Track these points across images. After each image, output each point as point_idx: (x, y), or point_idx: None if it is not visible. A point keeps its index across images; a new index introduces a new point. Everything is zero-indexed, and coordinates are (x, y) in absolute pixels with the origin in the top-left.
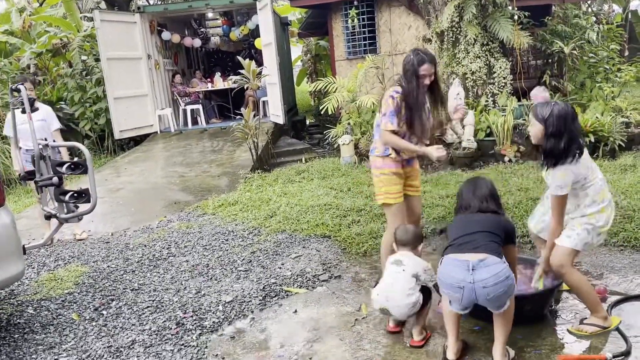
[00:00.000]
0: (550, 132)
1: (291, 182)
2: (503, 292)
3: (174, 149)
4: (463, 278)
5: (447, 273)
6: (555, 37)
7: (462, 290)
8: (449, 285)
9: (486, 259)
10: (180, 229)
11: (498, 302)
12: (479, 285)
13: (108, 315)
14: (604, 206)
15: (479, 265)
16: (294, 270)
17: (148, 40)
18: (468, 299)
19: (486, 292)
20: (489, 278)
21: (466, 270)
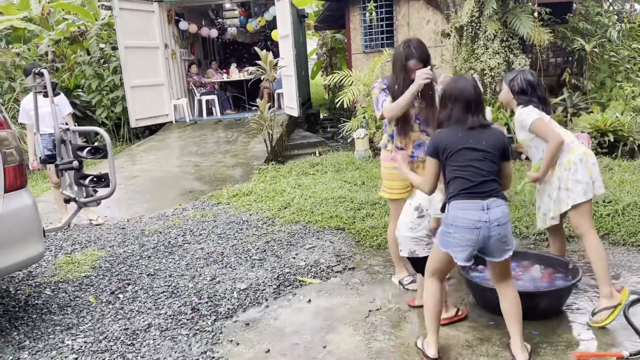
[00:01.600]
0: (515, 91)
1: (305, 174)
2: (510, 231)
3: (189, 139)
4: (479, 218)
5: (460, 216)
6: (576, 35)
7: (479, 231)
8: (463, 228)
9: (497, 198)
10: (195, 217)
11: (506, 245)
12: (494, 224)
13: (124, 299)
14: (573, 146)
15: (492, 204)
16: (307, 261)
17: (165, 29)
18: (482, 240)
19: (499, 231)
20: (501, 217)
21: (481, 210)
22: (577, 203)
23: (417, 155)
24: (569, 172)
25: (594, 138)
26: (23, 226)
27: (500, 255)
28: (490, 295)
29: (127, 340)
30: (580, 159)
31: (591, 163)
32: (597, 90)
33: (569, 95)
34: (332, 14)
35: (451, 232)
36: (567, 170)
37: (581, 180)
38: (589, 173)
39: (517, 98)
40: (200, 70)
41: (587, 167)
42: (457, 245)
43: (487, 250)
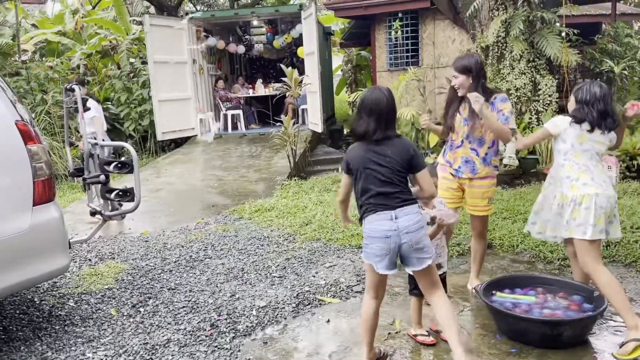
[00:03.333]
0: (578, 100)
1: (327, 190)
2: (424, 239)
3: (214, 153)
4: (389, 227)
5: (373, 228)
6: (605, 56)
7: (389, 240)
8: (376, 239)
9: (405, 207)
10: (217, 232)
11: (422, 253)
12: (404, 231)
13: (145, 313)
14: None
15: (400, 213)
16: (327, 280)
17: (194, 45)
18: (395, 248)
19: (409, 238)
20: (410, 225)
21: (390, 220)
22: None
23: (462, 171)
24: (566, 206)
25: (622, 162)
26: (50, 239)
27: (418, 264)
28: (512, 321)
29: (147, 355)
30: (572, 200)
31: (583, 207)
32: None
33: None
34: (358, 32)
35: (368, 243)
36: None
37: (579, 222)
38: (586, 216)
39: (576, 109)
40: (226, 85)
41: (580, 210)
42: (375, 256)
43: (405, 260)
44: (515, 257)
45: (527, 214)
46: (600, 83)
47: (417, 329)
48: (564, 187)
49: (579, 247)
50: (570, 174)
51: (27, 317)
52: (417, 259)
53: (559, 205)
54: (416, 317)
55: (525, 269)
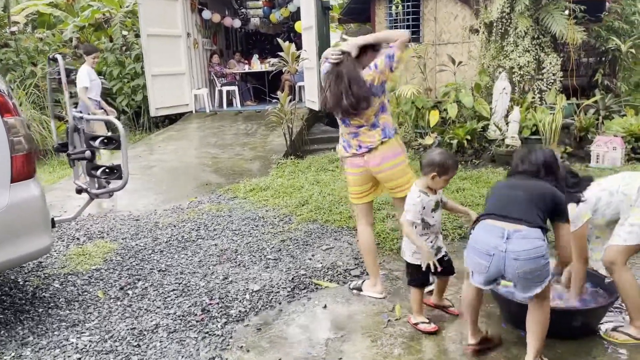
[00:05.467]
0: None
1: (324, 170)
2: (534, 268)
3: (208, 130)
4: (495, 245)
5: (479, 238)
6: (611, 34)
7: (492, 258)
8: (478, 252)
9: (524, 230)
10: (210, 212)
11: (526, 283)
12: (511, 256)
13: (133, 296)
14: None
15: (514, 234)
16: (324, 263)
17: (188, 18)
18: (496, 268)
19: (516, 265)
20: (522, 251)
21: (500, 238)
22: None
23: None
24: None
25: (627, 142)
26: (30, 218)
27: (524, 291)
28: (517, 310)
29: (134, 341)
30: None
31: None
32: (631, 93)
33: (601, 97)
34: (357, 7)
35: (470, 253)
36: None
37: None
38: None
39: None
40: (222, 60)
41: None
42: (474, 266)
43: (510, 279)
44: None
45: None
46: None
47: (417, 317)
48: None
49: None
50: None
51: (9, 299)
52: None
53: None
54: (417, 308)
55: None
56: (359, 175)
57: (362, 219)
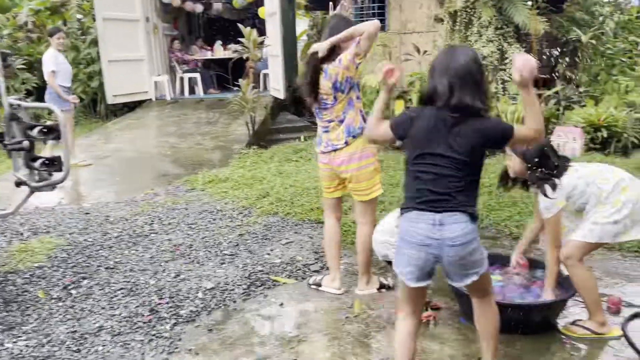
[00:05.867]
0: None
1: (288, 160)
2: (471, 251)
3: (168, 118)
4: (428, 234)
5: (410, 229)
6: (572, 25)
7: (427, 248)
8: (411, 244)
9: (455, 215)
10: (165, 204)
11: (464, 269)
12: (447, 242)
13: (77, 295)
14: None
15: (448, 220)
16: (283, 258)
17: (147, 1)
18: (430, 260)
19: (453, 252)
20: (458, 236)
21: (432, 225)
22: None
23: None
24: (610, 207)
25: (587, 133)
26: None
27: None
28: None
29: (73, 346)
30: (631, 201)
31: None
32: (591, 84)
33: (562, 87)
34: None
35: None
36: (613, 208)
37: (619, 221)
38: (632, 216)
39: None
40: (184, 46)
41: (634, 210)
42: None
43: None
44: (481, 232)
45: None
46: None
47: None
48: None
49: (582, 245)
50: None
51: None
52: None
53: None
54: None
55: (490, 245)
56: (326, 172)
57: (329, 212)
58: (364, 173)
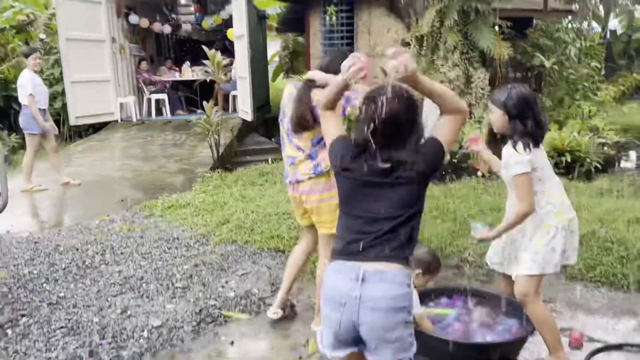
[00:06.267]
0: (513, 115)
1: (252, 184)
2: (395, 324)
3: (133, 140)
4: (348, 291)
5: (329, 284)
6: (536, 50)
7: (342, 309)
8: (329, 301)
9: (385, 271)
10: (120, 232)
11: (384, 342)
12: (367, 305)
13: (13, 336)
14: (560, 210)
15: (373, 277)
16: (238, 291)
17: (114, 22)
18: (347, 324)
19: (373, 318)
20: (381, 298)
21: (354, 280)
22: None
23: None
24: (546, 236)
25: (551, 157)
26: None
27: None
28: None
29: None
30: (563, 227)
31: (570, 231)
32: (555, 108)
33: None
34: (294, 17)
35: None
36: (545, 233)
37: (556, 250)
38: (567, 243)
39: (513, 126)
40: (152, 67)
41: (567, 236)
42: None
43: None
44: (444, 261)
45: (456, 212)
46: (525, 86)
47: None
48: (547, 219)
49: (531, 279)
50: (550, 199)
51: None
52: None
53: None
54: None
55: (452, 274)
56: (293, 200)
57: (302, 235)
58: (324, 206)
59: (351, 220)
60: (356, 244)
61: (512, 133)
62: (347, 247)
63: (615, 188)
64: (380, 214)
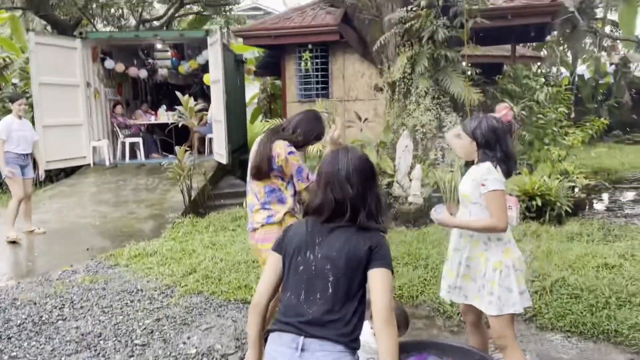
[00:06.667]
0: (481, 144)
1: (224, 229)
2: None
3: (105, 185)
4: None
5: (269, 354)
6: (505, 96)
7: None
8: None
9: (324, 342)
10: (82, 284)
11: None
12: None
13: None
14: (510, 247)
15: (311, 346)
16: (200, 348)
17: (89, 67)
18: None
19: None
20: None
21: (293, 350)
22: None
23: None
24: (498, 275)
25: (522, 202)
26: None
27: None
28: None
29: None
30: (512, 265)
31: (520, 271)
32: (526, 152)
33: None
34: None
35: None
36: (496, 272)
37: (512, 289)
38: (518, 282)
39: (482, 153)
40: (128, 111)
41: (517, 275)
42: None
43: None
44: (414, 310)
45: (429, 259)
46: (495, 117)
47: None
48: (495, 255)
49: (502, 319)
50: (502, 235)
51: None
52: None
53: (484, 276)
54: None
55: (423, 325)
56: (252, 247)
57: None
58: None
59: None
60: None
61: (482, 160)
62: None
63: (585, 232)
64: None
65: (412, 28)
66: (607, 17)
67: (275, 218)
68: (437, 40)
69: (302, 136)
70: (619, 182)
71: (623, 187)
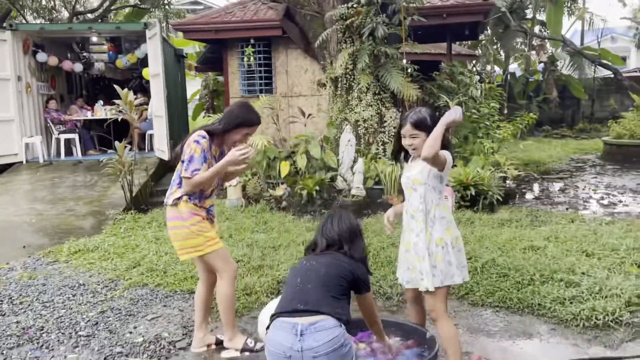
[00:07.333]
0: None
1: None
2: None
3: (39, 182)
4: (290, 345)
5: (273, 339)
6: (442, 92)
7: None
8: (275, 355)
9: (318, 322)
10: (20, 280)
11: None
12: (309, 354)
13: None
14: (450, 226)
15: (308, 329)
16: (147, 336)
17: (20, 60)
18: None
19: None
20: (320, 346)
21: (294, 335)
22: (439, 286)
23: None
24: (440, 250)
25: (457, 192)
26: None
27: None
28: None
29: None
30: (450, 242)
31: (457, 250)
32: (461, 145)
33: None
34: (213, 56)
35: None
36: (438, 247)
37: (452, 262)
38: (457, 257)
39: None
40: (62, 106)
41: (455, 253)
42: None
43: None
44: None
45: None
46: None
47: None
48: (437, 232)
49: (436, 293)
50: (445, 214)
51: None
52: None
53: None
54: None
55: None
56: None
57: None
58: (172, 234)
59: None
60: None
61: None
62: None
63: (514, 218)
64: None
65: (353, 24)
66: (537, 18)
67: (170, 199)
68: (377, 37)
69: (222, 123)
70: (546, 173)
71: (550, 177)
